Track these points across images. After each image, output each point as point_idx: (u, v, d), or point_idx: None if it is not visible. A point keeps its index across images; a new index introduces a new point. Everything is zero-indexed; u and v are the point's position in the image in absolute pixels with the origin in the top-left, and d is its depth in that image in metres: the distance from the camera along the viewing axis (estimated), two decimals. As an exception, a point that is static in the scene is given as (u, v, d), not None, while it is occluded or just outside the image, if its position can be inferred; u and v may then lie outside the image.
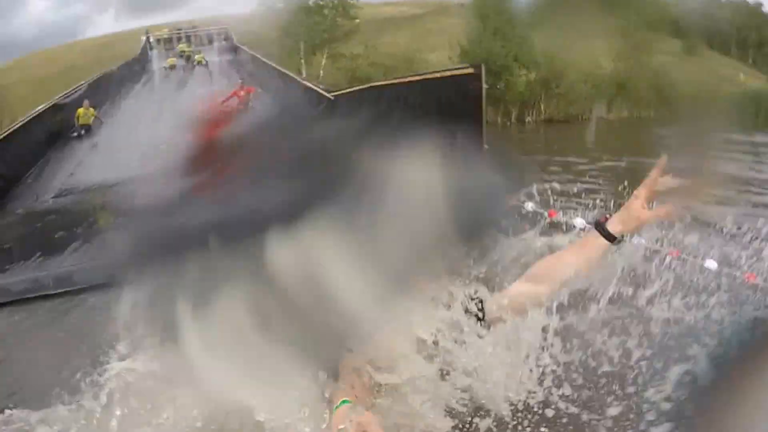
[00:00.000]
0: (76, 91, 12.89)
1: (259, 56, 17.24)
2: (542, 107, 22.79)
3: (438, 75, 6.29)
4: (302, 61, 20.10)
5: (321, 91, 10.32)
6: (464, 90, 5.68)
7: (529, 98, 22.78)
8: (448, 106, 5.76)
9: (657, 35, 21.56)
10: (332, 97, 9.44)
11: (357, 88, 8.98)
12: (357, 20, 23.27)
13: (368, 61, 19.97)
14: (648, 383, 1.44)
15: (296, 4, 21.04)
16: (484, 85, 5.68)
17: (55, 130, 10.67)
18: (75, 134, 11.05)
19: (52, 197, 7.25)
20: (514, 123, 22.19)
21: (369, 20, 25.73)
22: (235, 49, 21.03)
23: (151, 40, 23.15)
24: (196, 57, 20.66)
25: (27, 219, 6.27)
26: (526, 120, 22.61)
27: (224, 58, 20.89)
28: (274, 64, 15.58)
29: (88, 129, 11.32)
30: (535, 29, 20.33)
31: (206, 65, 20.08)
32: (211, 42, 23.59)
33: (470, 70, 5.81)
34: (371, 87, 8.06)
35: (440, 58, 19.59)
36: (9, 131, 9.16)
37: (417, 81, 6.61)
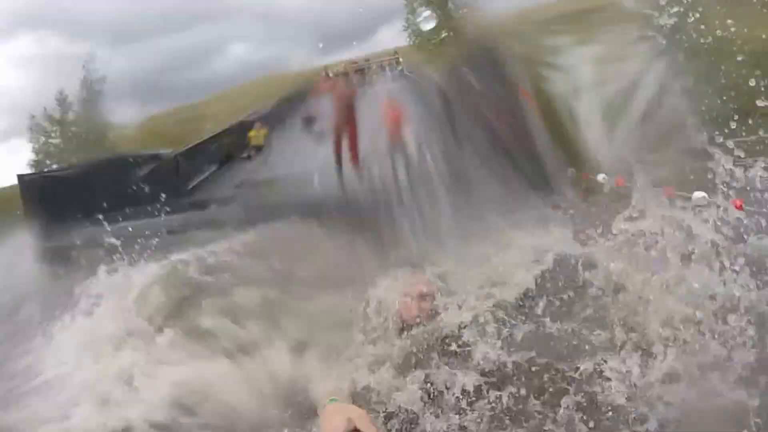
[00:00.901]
0: (250, 116, 14.69)
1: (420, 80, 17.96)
2: None
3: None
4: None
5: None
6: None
7: None
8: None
9: None
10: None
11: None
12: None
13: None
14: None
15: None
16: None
17: (227, 152, 12.31)
18: (245, 155, 12.61)
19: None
20: None
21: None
22: (404, 76, 22.29)
23: (330, 74, 25.61)
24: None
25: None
26: None
27: (395, 84, 22.23)
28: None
29: (259, 149, 12.73)
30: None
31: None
32: (383, 71, 25.25)
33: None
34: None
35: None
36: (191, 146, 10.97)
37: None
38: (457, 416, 1.47)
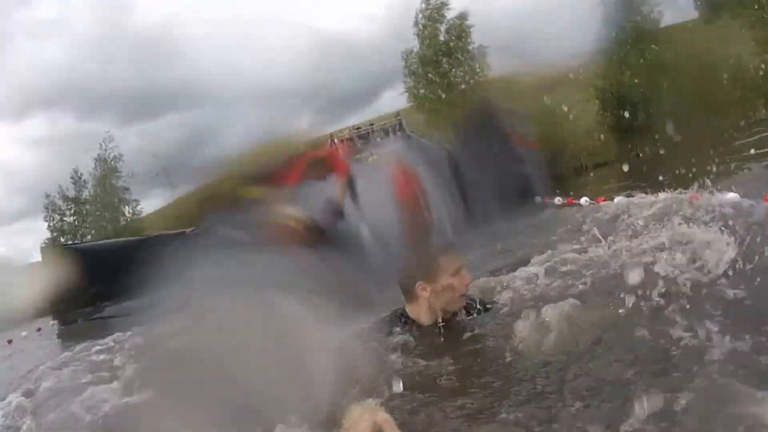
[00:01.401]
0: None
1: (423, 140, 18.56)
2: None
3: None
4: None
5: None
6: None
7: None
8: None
9: None
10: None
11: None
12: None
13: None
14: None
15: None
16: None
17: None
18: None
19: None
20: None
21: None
22: (408, 137, 22.93)
23: (336, 141, 26.41)
24: (369, 159, 22.94)
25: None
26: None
27: (400, 145, 22.85)
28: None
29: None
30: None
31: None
32: (387, 134, 25.92)
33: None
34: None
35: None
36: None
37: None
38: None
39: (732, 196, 2.96)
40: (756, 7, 19.80)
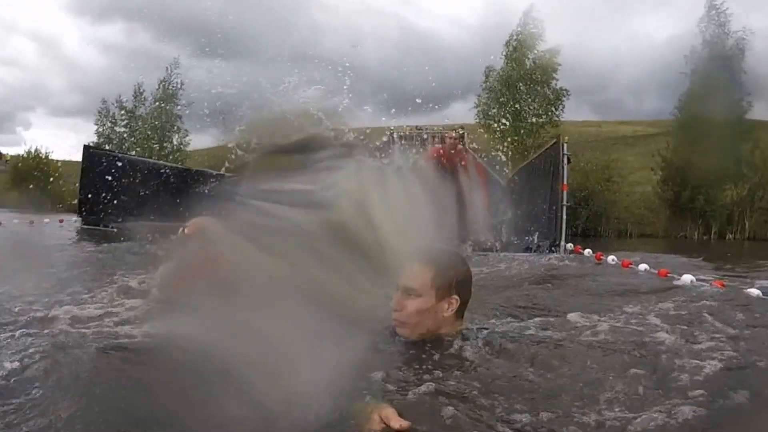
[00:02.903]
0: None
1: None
2: (746, 223, 19.95)
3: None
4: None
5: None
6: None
7: (733, 213, 20.26)
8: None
9: None
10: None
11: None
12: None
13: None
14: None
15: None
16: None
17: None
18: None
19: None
20: (713, 238, 19.82)
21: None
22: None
23: (395, 136, 26.40)
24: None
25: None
26: (727, 236, 20.02)
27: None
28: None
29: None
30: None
31: None
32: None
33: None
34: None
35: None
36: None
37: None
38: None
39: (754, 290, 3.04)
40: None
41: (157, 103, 28.02)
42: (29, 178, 26.39)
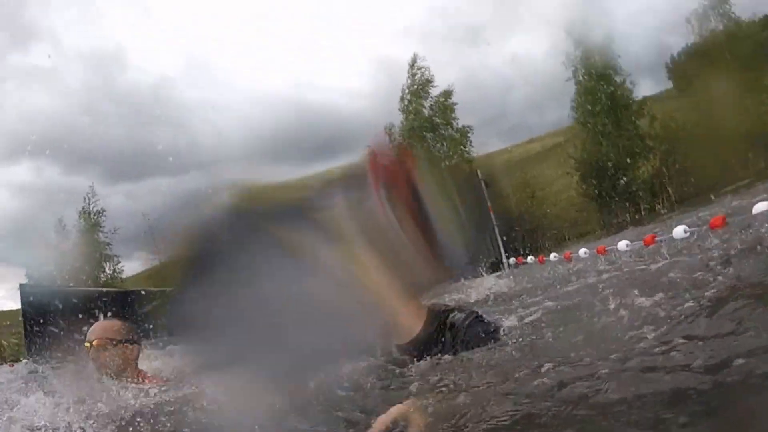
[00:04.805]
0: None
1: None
2: (669, 190, 20.94)
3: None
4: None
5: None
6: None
7: (654, 185, 21.29)
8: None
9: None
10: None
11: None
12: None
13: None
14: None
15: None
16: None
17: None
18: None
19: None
20: (644, 215, 20.64)
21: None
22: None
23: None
24: None
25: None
26: (656, 207, 20.87)
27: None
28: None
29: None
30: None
31: None
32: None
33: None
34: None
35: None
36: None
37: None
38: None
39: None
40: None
41: (81, 235, 27.11)
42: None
